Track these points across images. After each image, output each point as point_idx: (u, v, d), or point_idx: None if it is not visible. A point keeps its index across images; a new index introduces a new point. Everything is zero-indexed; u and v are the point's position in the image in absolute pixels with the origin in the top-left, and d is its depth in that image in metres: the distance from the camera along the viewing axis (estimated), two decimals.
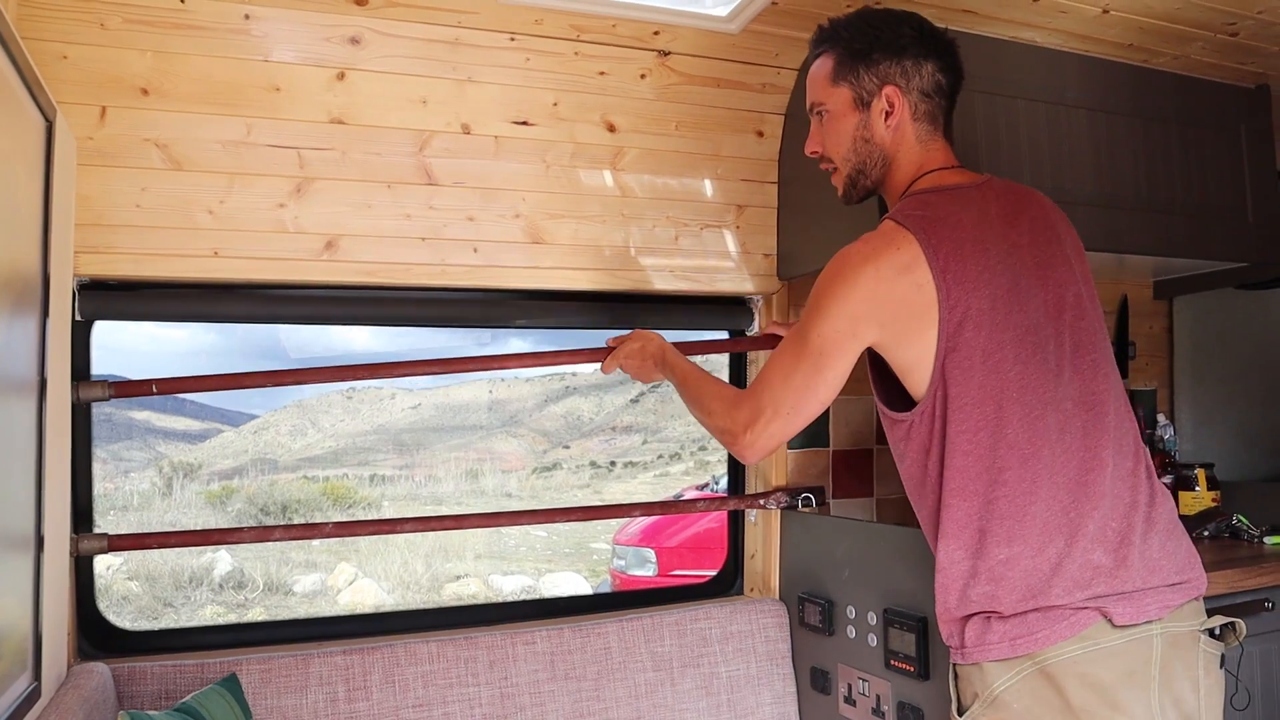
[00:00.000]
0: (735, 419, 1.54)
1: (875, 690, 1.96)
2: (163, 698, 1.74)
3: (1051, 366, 1.40)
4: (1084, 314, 1.46)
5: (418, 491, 14.59)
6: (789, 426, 1.50)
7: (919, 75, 1.52)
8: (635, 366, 1.90)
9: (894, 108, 1.52)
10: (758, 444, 1.51)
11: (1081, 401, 1.41)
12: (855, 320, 1.41)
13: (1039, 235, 1.48)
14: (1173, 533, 1.42)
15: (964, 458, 1.38)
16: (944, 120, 1.56)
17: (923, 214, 1.43)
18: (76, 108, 1.71)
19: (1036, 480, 1.36)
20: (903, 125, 1.53)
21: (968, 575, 1.38)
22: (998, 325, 1.38)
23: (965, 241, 1.40)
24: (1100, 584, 1.34)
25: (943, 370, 1.38)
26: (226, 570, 9.39)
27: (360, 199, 1.94)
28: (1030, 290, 1.42)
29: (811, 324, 1.45)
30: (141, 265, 1.80)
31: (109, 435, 13.99)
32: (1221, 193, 2.32)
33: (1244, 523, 2.28)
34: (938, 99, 1.54)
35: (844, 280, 1.42)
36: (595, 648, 2.08)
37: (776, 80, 2.20)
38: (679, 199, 2.22)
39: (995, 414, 1.37)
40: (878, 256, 1.40)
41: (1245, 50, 2.21)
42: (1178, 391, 2.92)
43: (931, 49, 1.53)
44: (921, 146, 1.54)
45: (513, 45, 1.97)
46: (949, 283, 1.37)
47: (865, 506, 2.50)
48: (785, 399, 1.47)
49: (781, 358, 1.49)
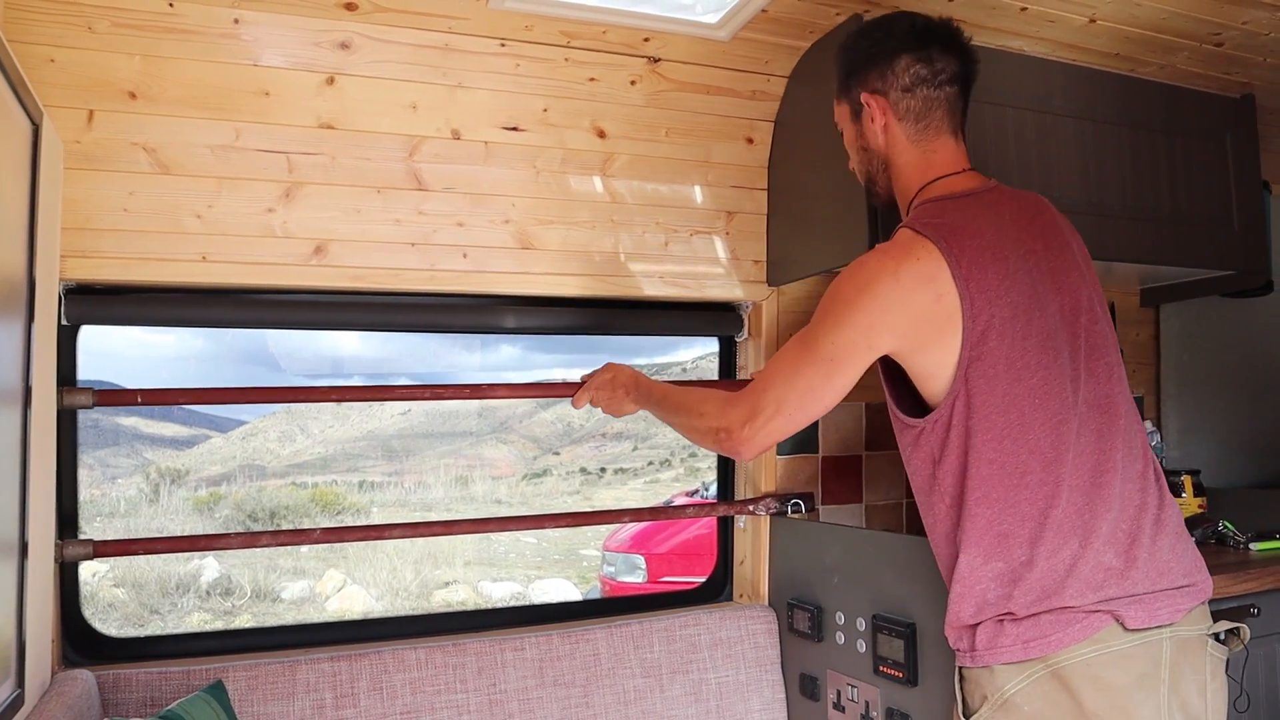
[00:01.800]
0: (731, 416, 1.53)
1: (864, 696, 1.96)
2: (148, 705, 1.73)
3: (1069, 371, 1.41)
4: (1097, 318, 1.47)
5: (407, 498, 14.55)
6: (790, 425, 1.50)
7: (894, 74, 1.52)
8: (606, 398, 1.91)
9: (875, 111, 1.54)
10: (756, 439, 1.51)
11: (1096, 405, 1.42)
12: (871, 330, 1.41)
13: (1051, 241, 1.49)
14: (1180, 536, 1.43)
15: (989, 465, 1.38)
16: (944, 114, 1.52)
17: (940, 221, 1.43)
18: (63, 111, 1.70)
19: (1058, 483, 1.36)
20: (890, 127, 1.54)
21: (986, 581, 1.38)
22: (1019, 333, 1.38)
23: (986, 250, 1.40)
24: (1111, 586, 1.34)
25: (965, 378, 1.38)
26: (214, 577, 9.34)
27: (349, 204, 1.93)
28: (1047, 296, 1.43)
29: (824, 330, 1.44)
30: (129, 270, 1.79)
31: (96, 441, 13.91)
32: (1208, 201, 2.33)
33: (1230, 529, 2.30)
34: (922, 91, 1.51)
35: (862, 289, 1.42)
36: (584, 654, 2.08)
37: (766, 87, 2.21)
38: (669, 205, 2.22)
39: (1019, 421, 1.37)
40: (898, 267, 1.40)
41: (1231, 60, 2.23)
42: (1164, 398, 2.93)
43: (904, 44, 1.51)
44: (917, 147, 1.53)
45: (503, 51, 1.97)
46: (972, 292, 1.37)
47: (854, 513, 2.50)
48: (788, 399, 1.47)
49: (788, 359, 1.48)
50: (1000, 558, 1.37)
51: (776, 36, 2.06)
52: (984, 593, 1.38)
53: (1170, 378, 2.93)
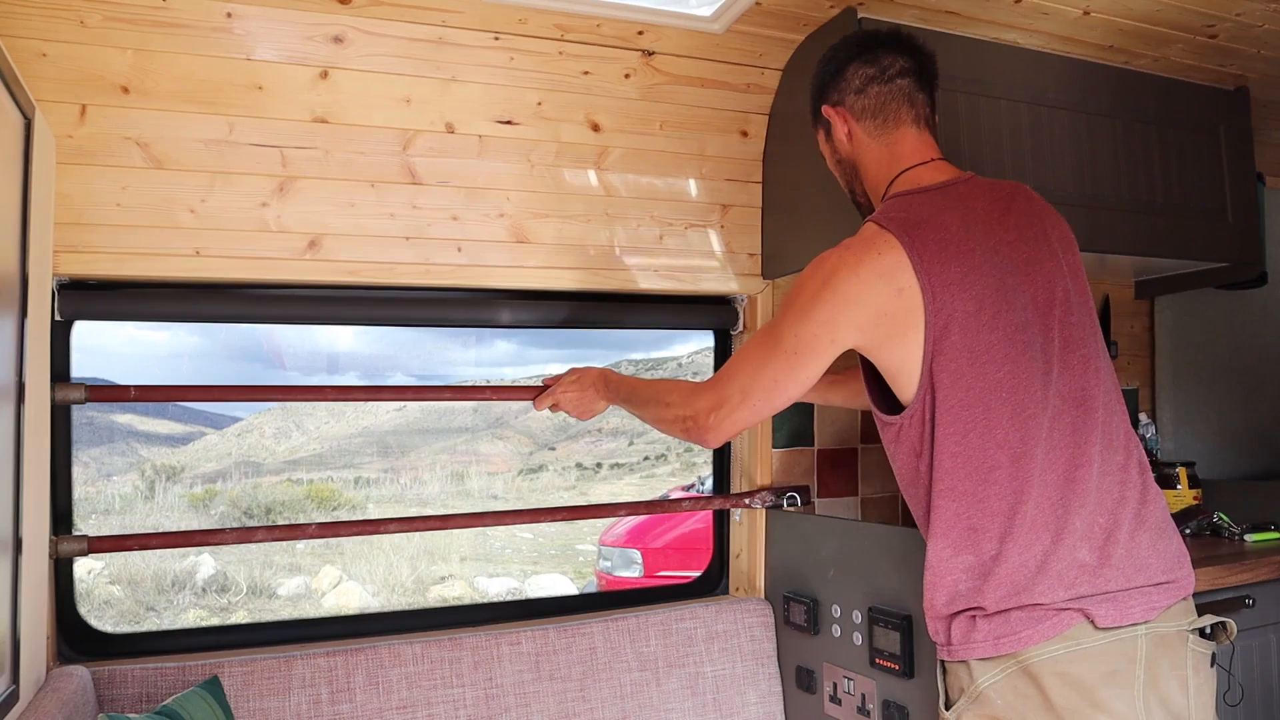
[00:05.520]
0: (696, 404, 1.57)
1: (860, 689, 1.96)
2: (143, 700, 1.73)
3: (1040, 364, 1.40)
4: (1073, 310, 1.47)
5: (403, 494, 14.53)
6: (754, 415, 1.52)
7: (844, 81, 1.58)
8: (574, 399, 1.93)
9: (837, 121, 1.60)
10: (722, 427, 1.54)
11: (1071, 398, 1.41)
12: (833, 325, 1.42)
13: (1025, 231, 1.48)
14: (1164, 531, 1.42)
15: (952, 460, 1.38)
16: (900, 106, 1.56)
17: (904, 215, 1.43)
18: (56, 106, 1.70)
19: (1028, 478, 1.36)
20: (854, 132, 1.59)
21: (957, 572, 1.39)
22: (984, 327, 1.38)
23: (949, 243, 1.40)
24: (1084, 583, 1.34)
25: (930, 373, 1.38)
26: (209, 574, 9.32)
27: (344, 198, 1.93)
28: (1018, 288, 1.42)
29: (787, 323, 1.46)
30: (122, 264, 1.78)
31: (90, 439, 13.88)
32: (1201, 193, 2.34)
33: (1225, 520, 2.30)
34: (874, 88, 1.56)
35: (823, 283, 1.43)
36: (580, 648, 2.08)
37: (761, 80, 2.21)
38: (663, 199, 2.22)
39: (984, 415, 1.37)
40: (859, 262, 1.41)
41: (1224, 52, 2.23)
42: (1159, 390, 2.94)
43: (850, 54, 1.58)
44: (878, 141, 1.56)
45: (497, 45, 1.96)
46: (935, 286, 1.37)
47: (850, 505, 2.51)
48: (754, 390, 1.49)
49: (754, 350, 1.51)
50: (969, 551, 1.38)
51: (770, 29, 2.06)
52: (955, 584, 1.39)
53: (1165, 370, 2.93)
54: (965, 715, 1.39)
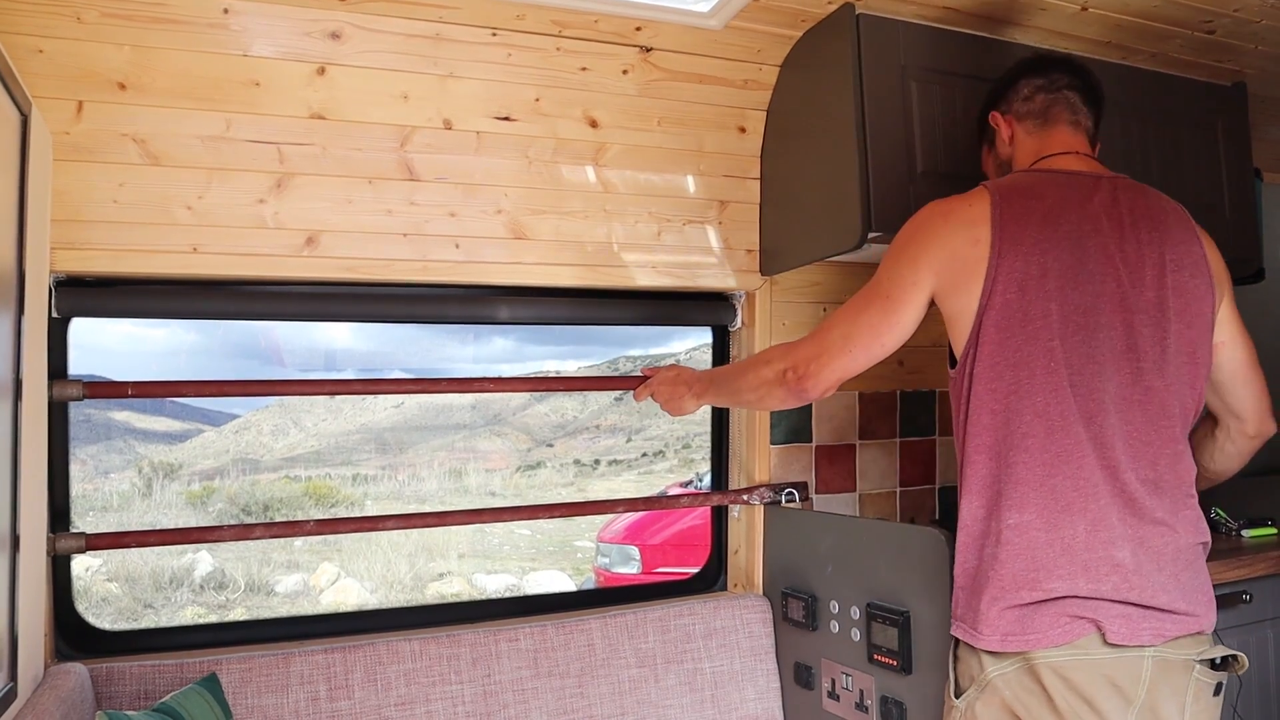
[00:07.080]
0: (797, 354, 1.61)
1: (859, 685, 1.96)
2: (141, 698, 1.73)
3: (1100, 355, 1.41)
4: (1167, 328, 1.46)
5: (401, 491, 14.52)
6: (853, 364, 1.56)
7: (1015, 92, 1.66)
8: (667, 394, 2.02)
9: (1001, 124, 1.67)
10: (822, 374, 1.57)
11: (1142, 406, 1.42)
12: (917, 266, 1.49)
13: (1143, 236, 1.49)
14: (1193, 565, 1.42)
15: (989, 415, 1.42)
16: (1062, 109, 1.62)
17: (1011, 183, 1.52)
18: (52, 102, 1.69)
19: (1065, 456, 1.37)
20: (1015, 134, 1.67)
21: (982, 536, 1.42)
22: (1045, 296, 1.41)
23: (1036, 211, 1.45)
24: (1110, 585, 1.34)
25: (979, 327, 1.43)
26: (207, 571, 9.31)
27: (341, 195, 1.92)
28: (1100, 277, 1.43)
29: (885, 269, 1.54)
30: (119, 261, 1.78)
31: (88, 436, 13.86)
32: (1199, 189, 2.33)
33: (1222, 516, 2.31)
34: (1040, 95, 1.63)
35: (917, 227, 1.53)
36: (579, 644, 2.08)
37: (759, 76, 2.20)
38: (661, 195, 2.22)
39: (1027, 380, 1.39)
40: (950, 210, 1.50)
41: (1222, 48, 2.23)
42: None
43: (1022, 71, 1.67)
44: (1035, 137, 1.63)
45: (494, 41, 1.96)
46: (1004, 242, 1.42)
47: (848, 502, 2.51)
48: (854, 336, 1.54)
49: (855, 300, 1.57)
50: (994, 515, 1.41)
51: (768, 25, 2.06)
52: (980, 548, 1.42)
53: None
54: (975, 704, 1.41)
